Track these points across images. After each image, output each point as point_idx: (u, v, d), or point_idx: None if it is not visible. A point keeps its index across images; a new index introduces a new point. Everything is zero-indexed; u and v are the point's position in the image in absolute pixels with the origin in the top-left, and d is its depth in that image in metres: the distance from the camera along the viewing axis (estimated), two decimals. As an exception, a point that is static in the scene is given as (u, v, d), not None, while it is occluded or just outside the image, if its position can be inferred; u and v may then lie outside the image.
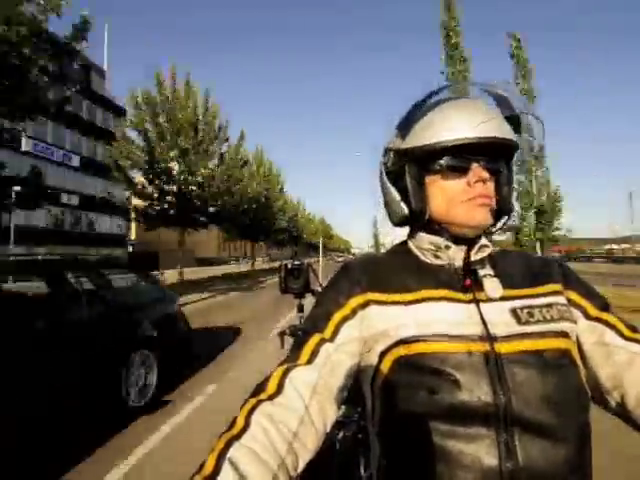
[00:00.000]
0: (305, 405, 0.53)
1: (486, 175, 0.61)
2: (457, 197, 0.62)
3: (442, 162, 0.63)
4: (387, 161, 0.70)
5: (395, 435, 0.57)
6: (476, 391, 0.52)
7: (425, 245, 0.68)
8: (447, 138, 0.60)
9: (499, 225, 0.68)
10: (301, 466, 0.51)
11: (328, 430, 0.56)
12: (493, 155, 0.63)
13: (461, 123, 0.60)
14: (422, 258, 0.68)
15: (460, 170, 0.62)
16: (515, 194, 0.68)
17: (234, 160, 17.96)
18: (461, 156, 0.62)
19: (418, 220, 0.68)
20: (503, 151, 0.64)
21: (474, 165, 0.61)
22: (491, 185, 0.63)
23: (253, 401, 0.53)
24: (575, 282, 0.67)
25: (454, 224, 0.64)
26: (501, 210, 0.66)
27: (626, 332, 0.61)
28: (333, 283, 0.69)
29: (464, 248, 0.65)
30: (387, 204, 0.72)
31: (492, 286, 0.61)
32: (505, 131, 0.61)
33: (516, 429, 0.51)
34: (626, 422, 0.59)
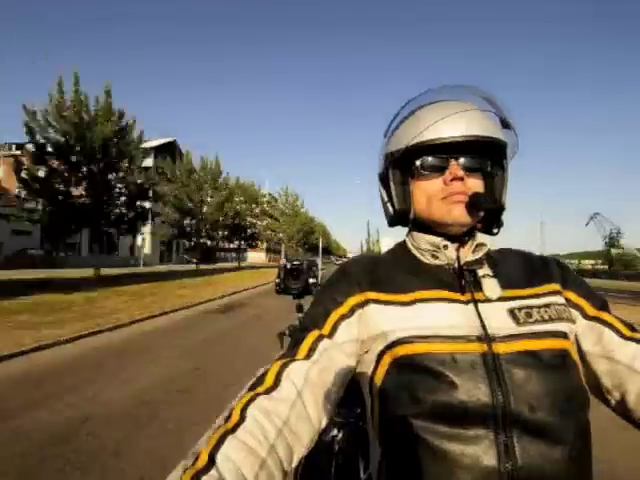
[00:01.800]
0: (301, 400, 0.53)
1: (461, 173, 0.62)
2: (435, 195, 0.64)
3: (418, 163, 0.65)
4: (378, 167, 0.74)
5: (394, 436, 0.57)
6: (474, 392, 0.52)
7: (423, 245, 0.68)
8: (415, 140, 0.63)
9: (499, 223, 0.68)
10: (295, 461, 0.51)
11: (323, 426, 0.56)
12: (476, 152, 0.64)
13: (426, 125, 0.62)
14: (421, 258, 0.68)
15: (437, 169, 0.64)
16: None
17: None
18: (437, 155, 0.63)
19: (403, 220, 0.71)
20: (486, 148, 0.64)
21: (451, 163, 0.63)
22: (472, 182, 0.63)
23: (250, 395, 0.52)
24: (573, 282, 0.67)
25: (435, 222, 0.65)
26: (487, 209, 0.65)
27: (625, 331, 0.61)
28: (332, 282, 0.69)
29: (462, 247, 0.65)
30: (382, 207, 0.75)
31: (490, 286, 0.61)
32: (483, 128, 0.62)
33: (515, 429, 0.51)
34: (627, 420, 0.59)
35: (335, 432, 1.40)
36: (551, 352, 0.56)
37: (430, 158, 0.64)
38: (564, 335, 0.58)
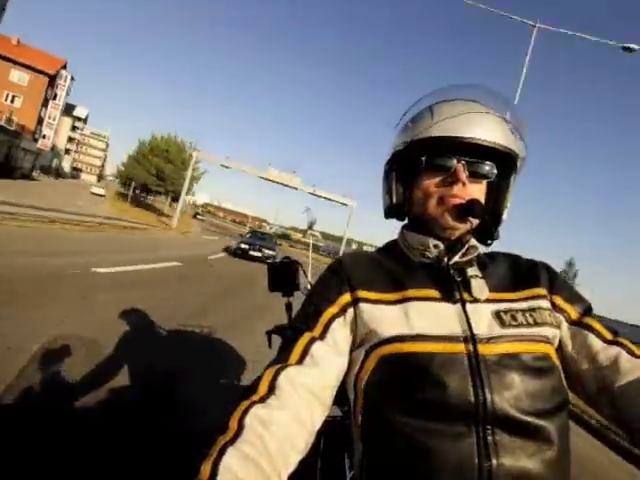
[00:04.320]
0: (296, 405, 0.53)
1: (464, 177, 0.61)
2: (434, 194, 0.64)
3: (423, 158, 0.64)
4: (387, 157, 0.73)
5: (377, 433, 0.57)
6: (458, 391, 0.53)
7: (414, 244, 0.68)
8: (428, 134, 0.62)
9: (495, 235, 0.68)
10: (292, 466, 0.50)
11: (318, 428, 0.56)
12: (486, 159, 0.63)
13: (440, 121, 0.61)
14: (411, 257, 0.69)
15: (442, 169, 0.63)
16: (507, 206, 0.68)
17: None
18: (444, 154, 0.62)
19: (399, 213, 0.71)
20: (498, 158, 0.63)
21: (457, 165, 0.62)
22: (473, 188, 0.63)
23: (245, 404, 0.52)
24: (560, 286, 0.68)
25: (428, 221, 0.65)
26: (489, 218, 0.65)
27: (607, 335, 0.63)
28: (323, 280, 0.69)
29: (452, 248, 0.65)
30: (382, 197, 0.75)
31: (478, 288, 0.61)
32: (503, 137, 0.61)
33: (497, 428, 0.52)
34: (612, 421, 0.60)
35: (321, 430, 1.39)
36: (533, 355, 0.57)
37: (437, 156, 0.63)
38: (547, 339, 0.59)
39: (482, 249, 0.69)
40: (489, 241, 0.69)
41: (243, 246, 14.42)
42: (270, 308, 5.52)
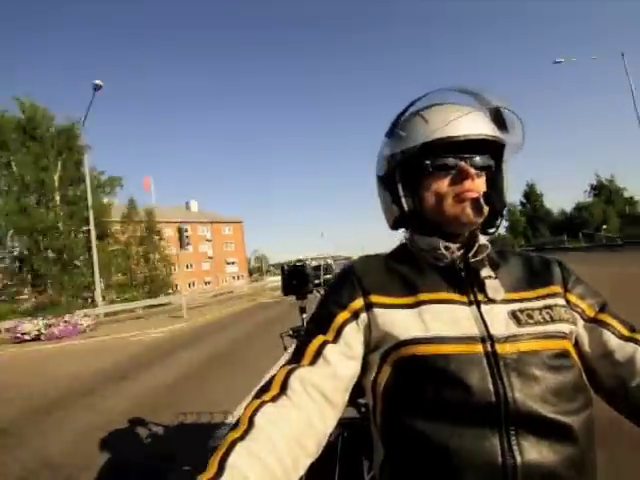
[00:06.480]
0: (308, 406, 0.54)
1: (472, 171, 0.62)
2: (446, 195, 0.64)
3: (428, 162, 0.65)
4: (379, 169, 0.73)
5: (398, 436, 0.57)
6: (478, 392, 0.53)
7: (424, 247, 0.68)
8: (423, 140, 0.63)
9: (497, 223, 0.70)
10: (303, 468, 0.51)
11: (330, 431, 0.56)
12: (482, 152, 0.65)
13: (437, 124, 0.63)
14: (423, 260, 0.69)
15: (446, 168, 0.64)
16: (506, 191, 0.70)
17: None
18: (446, 155, 0.64)
19: (412, 220, 0.70)
20: (490, 148, 0.65)
21: (460, 162, 0.63)
22: (480, 181, 0.64)
23: (257, 402, 0.53)
24: (574, 283, 0.67)
25: (446, 222, 0.65)
26: (494, 207, 0.66)
27: (624, 332, 0.62)
28: (336, 285, 0.70)
29: (463, 248, 0.66)
30: (383, 211, 0.75)
31: (493, 288, 0.61)
32: (483, 128, 0.63)
33: (519, 428, 0.51)
34: (630, 419, 0.60)
35: (338, 432, 1.39)
36: (552, 352, 0.56)
37: (438, 158, 0.64)
38: (564, 335, 0.59)
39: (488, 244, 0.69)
40: (492, 229, 0.70)
41: None
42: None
